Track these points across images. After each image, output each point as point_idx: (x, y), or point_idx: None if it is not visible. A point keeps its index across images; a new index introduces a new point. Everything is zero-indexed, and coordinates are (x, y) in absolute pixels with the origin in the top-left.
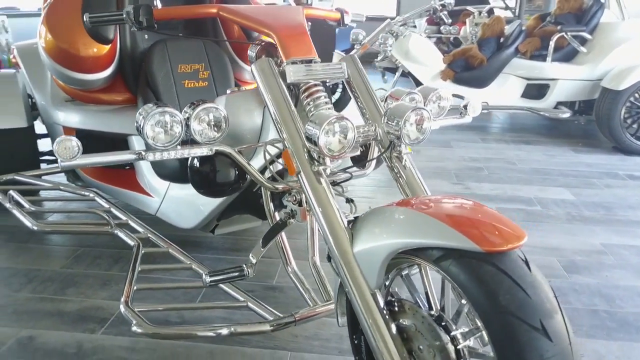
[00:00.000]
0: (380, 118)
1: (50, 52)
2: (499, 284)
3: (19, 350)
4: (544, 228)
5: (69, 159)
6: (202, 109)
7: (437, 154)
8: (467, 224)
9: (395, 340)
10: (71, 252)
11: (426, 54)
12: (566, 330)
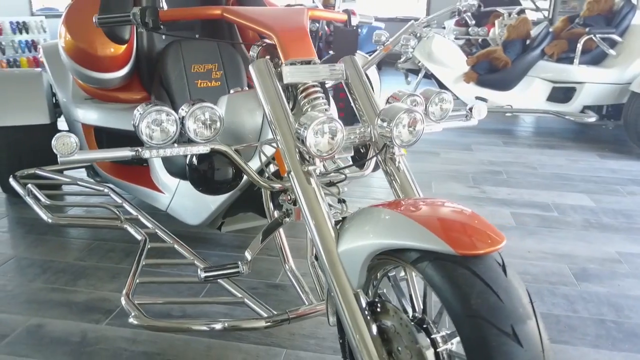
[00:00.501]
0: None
1: (70, 52)
2: (472, 287)
3: (27, 337)
4: (558, 234)
5: (67, 154)
6: (197, 108)
7: (456, 157)
8: (444, 226)
9: (375, 341)
10: (85, 245)
11: (449, 56)
12: (539, 336)
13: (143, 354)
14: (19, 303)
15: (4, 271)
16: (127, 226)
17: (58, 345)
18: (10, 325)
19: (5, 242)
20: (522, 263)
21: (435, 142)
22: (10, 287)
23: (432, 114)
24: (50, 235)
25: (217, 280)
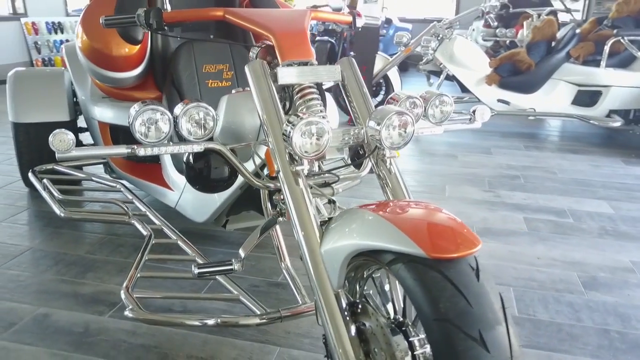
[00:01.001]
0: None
1: (86, 51)
2: (442, 290)
3: (33, 326)
4: (571, 241)
5: (64, 151)
6: (190, 108)
7: (474, 160)
8: (419, 229)
9: (352, 341)
10: (98, 239)
11: (471, 58)
12: (509, 343)
13: (141, 346)
14: (30, 293)
15: (19, 262)
16: (135, 222)
17: (61, 335)
18: (19, 314)
19: (23, 234)
20: (529, 269)
21: (454, 144)
22: (23, 277)
23: (432, 117)
24: (65, 229)
25: (212, 276)
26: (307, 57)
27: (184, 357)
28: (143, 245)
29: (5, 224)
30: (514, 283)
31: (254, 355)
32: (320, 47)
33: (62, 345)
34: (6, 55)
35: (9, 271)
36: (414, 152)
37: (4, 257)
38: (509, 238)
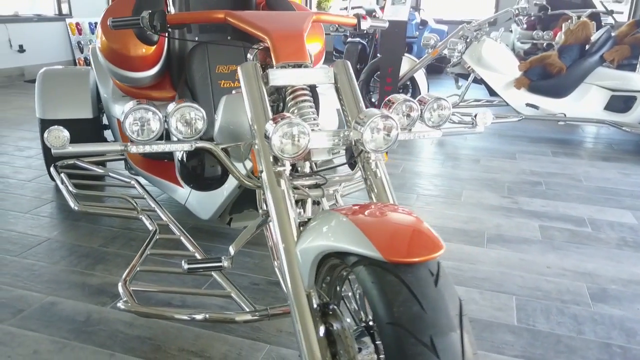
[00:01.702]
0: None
1: (105, 51)
2: (397, 294)
3: (39, 313)
4: (585, 251)
5: (59, 147)
6: (180, 108)
7: (497, 165)
8: (381, 233)
9: (320, 342)
10: (111, 233)
11: (500, 60)
12: (461, 350)
13: (136, 337)
14: (41, 282)
15: (35, 252)
16: (143, 217)
17: (64, 323)
18: (28, 301)
19: (43, 225)
20: (537, 278)
21: (479, 149)
22: (37, 267)
23: (429, 120)
24: (83, 222)
25: (202, 272)
26: (301, 59)
27: (176, 350)
28: (147, 240)
29: (29, 215)
30: (518, 292)
31: (243, 352)
32: (350, 48)
33: (63, 333)
34: (51, 55)
35: (25, 260)
36: (437, 155)
37: (23, 246)
38: (520, 246)
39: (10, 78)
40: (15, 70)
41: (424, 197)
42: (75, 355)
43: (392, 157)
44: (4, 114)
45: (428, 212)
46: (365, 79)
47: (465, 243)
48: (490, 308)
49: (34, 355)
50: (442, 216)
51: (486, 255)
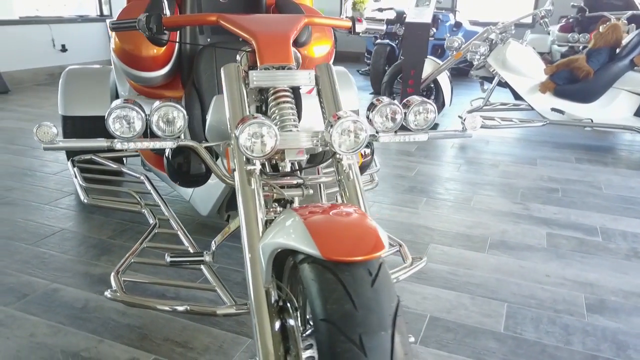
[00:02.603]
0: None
1: (117, 52)
2: (332, 292)
3: (42, 299)
4: (590, 261)
5: (49, 142)
6: (161, 107)
7: (515, 170)
8: (325, 232)
9: (274, 337)
10: (121, 226)
11: (525, 63)
12: (391, 350)
13: (126, 325)
14: (48, 269)
15: (48, 241)
16: (145, 211)
17: (62, 309)
18: (34, 287)
19: (59, 217)
20: (533, 286)
21: (499, 153)
22: (47, 255)
23: (414, 123)
24: (96, 215)
25: (184, 265)
26: (285, 61)
27: (161, 339)
28: (145, 233)
29: (48, 206)
30: (510, 299)
31: (224, 344)
32: (379, 49)
33: (60, 318)
34: (91, 54)
35: (37, 249)
36: (455, 159)
37: (37, 236)
38: (522, 253)
39: (52, 76)
40: (57, 69)
41: (432, 200)
42: (67, 339)
43: (408, 160)
44: (42, 110)
45: (433, 215)
46: (388, 81)
47: (466, 248)
48: (478, 314)
49: (30, 338)
50: (448, 220)
51: (485, 261)
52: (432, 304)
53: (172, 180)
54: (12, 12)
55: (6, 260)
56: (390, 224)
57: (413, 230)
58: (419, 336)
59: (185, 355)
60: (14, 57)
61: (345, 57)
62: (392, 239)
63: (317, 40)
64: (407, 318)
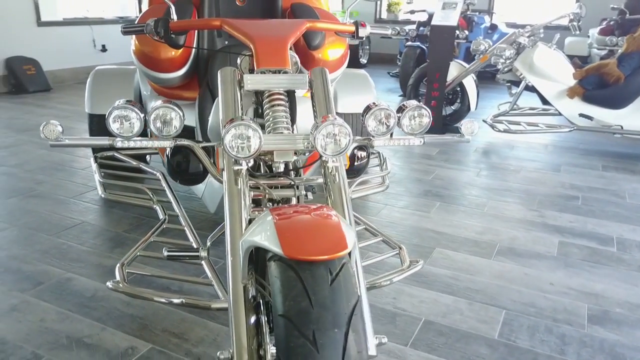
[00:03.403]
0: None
1: (137, 53)
2: (291, 289)
3: (55, 287)
4: (600, 271)
5: (54, 139)
6: (160, 108)
7: (537, 176)
8: (291, 232)
9: (249, 331)
10: (137, 220)
11: (553, 68)
12: (343, 348)
13: (129, 315)
14: (65, 259)
15: (68, 233)
16: (157, 206)
17: (73, 297)
18: (49, 275)
19: (81, 210)
20: (535, 294)
21: (523, 159)
22: (65, 246)
23: (409, 127)
24: (116, 209)
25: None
26: (281, 65)
27: (160, 330)
28: (154, 228)
29: (73, 200)
30: (509, 306)
31: (219, 338)
32: (409, 52)
33: (69, 306)
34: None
35: (58, 239)
36: (477, 164)
37: (59, 227)
38: (530, 260)
39: None
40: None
41: (445, 205)
42: (73, 326)
43: (427, 163)
44: (79, 107)
45: (444, 220)
46: (413, 84)
47: (472, 254)
48: (474, 320)
49: (39, 323)
50: (458, 225)
51: (489, 268)
52: (429, 308)
53: (172, 178)
54: (56, 14)
55: (28, 250)
56: (398, 227)
57: (421, 234)
58: (410, 339)
59: (181, 346)
60: (56, 57)
61: (379, 59)
62: (391, 242)
63: (332, 43)
64: (400, 321)
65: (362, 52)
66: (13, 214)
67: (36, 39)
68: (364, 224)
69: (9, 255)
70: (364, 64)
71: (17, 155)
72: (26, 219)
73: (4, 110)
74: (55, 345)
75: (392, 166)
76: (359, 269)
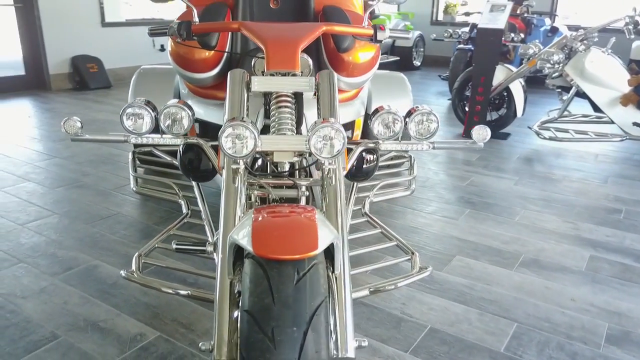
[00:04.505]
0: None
1: (173, 55)
2: (258, 286)
3: (82, 273)
4: (629, 290)
5: (73, 134)
6: (169, 107)
7: (579, 187)
8: (264, 231)
9: (231, 325)
10: (168, 214)
11: (606, 74)
12: (301, 346)
13: (144, 304)
14: (95, 247)
15: (102, 222)
16: (182, 201)
17: (95, 283)
18: (79, 262)
19: (118, 201)
20: (553, 309)
21: (569, 168)
22: (98, 235)
23: (416, 132)
24: (150, 202)
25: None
26: (291, 68)
27: (169, 319)
28: (175, 221)
29: (113, 192)
30: (522, 320)
31: None
32: (459, 55)
33: (91, 291)
34: None
35: (93, 229)
36: (518, 172)
37: (96, 217)
38: (554, 274)
39: None
40: None
41: (475, 212)
42: (92, 310)
43: (464, 169)
44: None
45: (471, 227)
46: (458, 88)
47: (492, 263)
48: (481, 330)
49: (63, 305)
50: (484, 233)
51: (508, 278)
52: (437, 316)
53: (184, 175)
54: (120, 15)
55: (65, 236)
56: (421, 233)
57: (443, 240)
58: (412, 346)
59: (186, 336)
60: (118, 56)
61: (434, 62)
62: (405, 247)
63: (363, 46)
64: (405, 326)
65: (416, 54)
66: (57, 203)
67: (100, 39)
68: (380, 228)
69: (47, 241)
70: (417, 66)
71: (70, 147)
72: (68, 208)
73: (66, 105)
74: (72, 327)
75: (427, 171)
76: (346, 272)
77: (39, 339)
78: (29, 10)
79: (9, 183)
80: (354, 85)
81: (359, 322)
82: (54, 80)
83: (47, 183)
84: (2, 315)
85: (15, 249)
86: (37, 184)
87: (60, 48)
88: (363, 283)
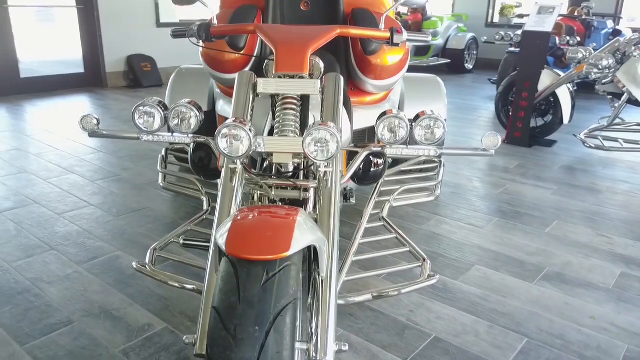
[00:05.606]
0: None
1: (203, 55)
2: (227, 284)
3: (104, 263)
4: None
5: (90, 130)
6: (178, 106)
7: (622, 199)
8: (240, 231)
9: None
10: (194, 210)
11: None
12: (262, 344)
13: (157, 295)
14: (121, 239)
15: (130, 215)
16: (204, 198)
17: (115, 274)
18: (103, 252)
19: (149, 196)
20: (569, 327)
21: (612, 179)
22: (125, 227)
23: (424, 138)
24: (180, 198)
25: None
26: (298, 70)
27: (178, 312)
28: (194, 217)
29: (146, 186)
30: (533, 335)
31: None
32: (508, 58)
33: (110, 281)
34: None
35: (120, 221)
36: (555, 181)
37: (126, 210)
38: (576, 289)
39: None
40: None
41: (503, 221)
42: (108, 299)
43: (500, 177)
44: None
45: (495, 237)
46: (502, 92)
47: (512, 275)
48: (488, 344)
49: (83, 292)
50: (508, 244)
51: (526, 292)
52: (443, 325)
53: (195, 173)
54: (174, 16)
55: (94, 227)
56: (442, 240)
57: (464, 249)
58: (412, 354)
59: (191, 329)
60: (170, 55)
61: (487, 65)
62: (417, 253)
63: (391, 49)
64: (408, 334)
65: (468, 57)
66: (94, 195)
67: (154, 39)
68: (395, 233)
69: (78, 231)
70: (469, 69)
71: (115, 142)
72: (103, 200)
73: (118, 102)
74: (88, 313)
75: (461, 177)
76: (333, 275)
77: (55, 322)
78: (89, 12)
79: (55, 174)
80: (382, 87)
81: (362, 327)
82: (110, 78)
83: (88, 176)
84: (27, 299)
85: (49, 237)
86: (79, 176)
87: (117, 47)
88: (371, 287)
